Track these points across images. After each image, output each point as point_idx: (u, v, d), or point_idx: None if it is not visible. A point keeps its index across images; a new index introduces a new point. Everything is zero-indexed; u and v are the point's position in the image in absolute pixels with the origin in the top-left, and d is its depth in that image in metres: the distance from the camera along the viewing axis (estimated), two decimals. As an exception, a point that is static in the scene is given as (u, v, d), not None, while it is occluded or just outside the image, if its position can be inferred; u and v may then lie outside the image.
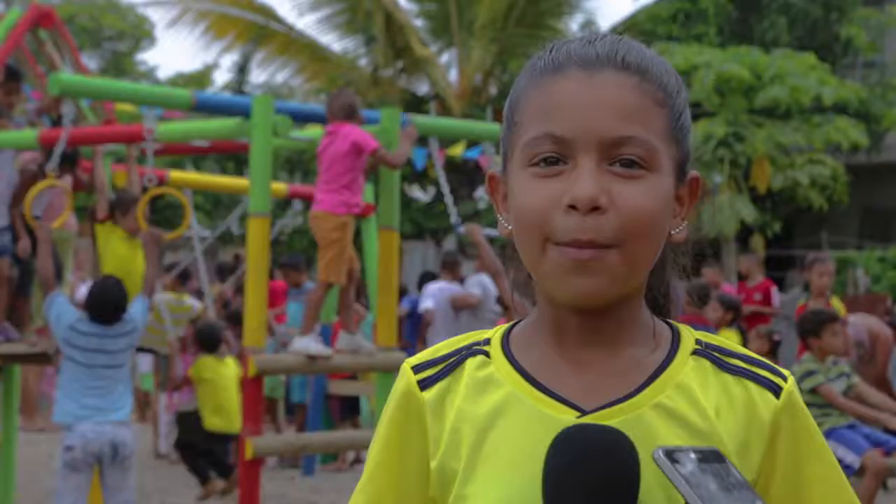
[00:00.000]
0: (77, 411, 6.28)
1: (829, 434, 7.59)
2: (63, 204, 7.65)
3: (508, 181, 1.36)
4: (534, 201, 1.29)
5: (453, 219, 8.26)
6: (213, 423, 8.62)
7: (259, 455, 6.65)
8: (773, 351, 8.67)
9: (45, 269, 6.66)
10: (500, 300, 9.24)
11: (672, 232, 1.34)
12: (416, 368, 1.39)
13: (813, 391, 7.49)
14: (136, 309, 6.53)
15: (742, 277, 14.65)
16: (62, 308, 6.43)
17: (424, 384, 1.37)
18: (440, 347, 1.41)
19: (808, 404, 5.14)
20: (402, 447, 1.37)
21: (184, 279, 11.09)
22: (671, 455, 1.18)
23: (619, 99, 1.29)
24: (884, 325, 9.65)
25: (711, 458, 1.20)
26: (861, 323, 9.60)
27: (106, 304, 6.37)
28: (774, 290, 13.98)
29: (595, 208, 1.26)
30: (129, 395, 6.60)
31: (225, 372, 8.68)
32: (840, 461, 7.54)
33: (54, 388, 9.31)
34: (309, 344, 6.88)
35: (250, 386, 6.66)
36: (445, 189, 8.17)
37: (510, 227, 1.35)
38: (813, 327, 7.57)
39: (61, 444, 6.34)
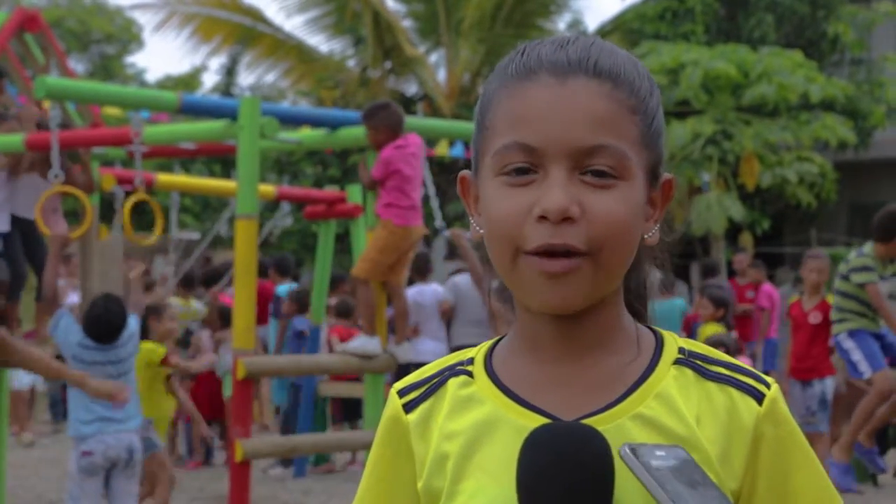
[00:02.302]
0: (95, 423, 6.28)
1: (853, 334, 7.61)
2: (57, 206, 7.65)
3: (480, 186, 1.34)
4: (505, 211, 1.28)
5: (438, 222, 8.32)
6: None
7: (249, 457, 6.65)
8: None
9: (52, 284, 6.65)
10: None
11: (645, 236, 1.34)
12: (402, 392, 1.40)
13: (861, 286, 7.51)
14: (132, 323, 6.51)
15: (732, 274, 14.68)
16: (69, 327, 6.40)
17: (409, 407, 1.39)
18: (426, 369, 1.42)
19: (851, 296, 5.18)
20: (391, 471, 1.39)
21: (187, 284, 11.14)
22: (637, 451, 1.19)
23: (591, 107, 1.27)
24: None
25: (676, 455, 1.21)
26: None
27: (110, 325, 6.30)
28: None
29: (566, 219, 1.25)
30: (139, 402, 6.61)
31: None
32: (854, 364, 7.60)
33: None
34: (366, 344, 6.99)
35: (240, 388, 6.65)
36: (431, 191, 8.21)
37: (482, 231, 1.34)
38: None
39: (75, 450, 6.34)
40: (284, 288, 11.16)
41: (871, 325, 7.59)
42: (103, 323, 6.28)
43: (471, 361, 1.39)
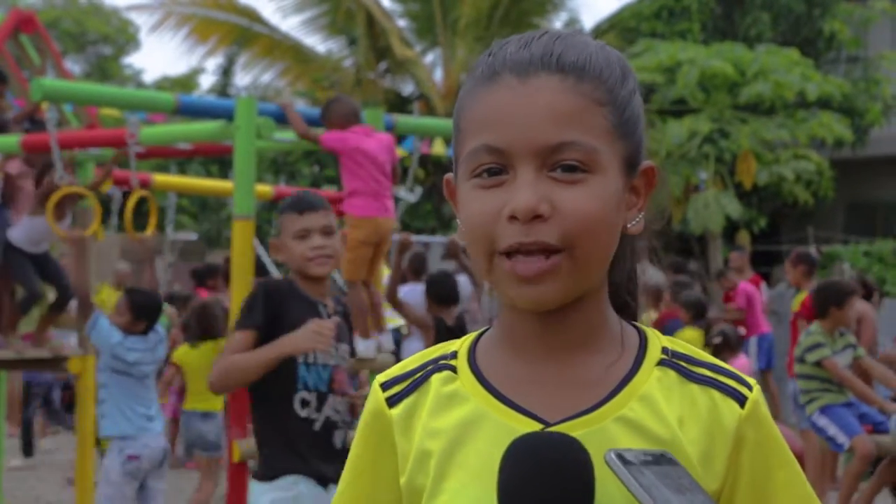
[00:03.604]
0: (136, 422, 6.39)
1: (824, 410, 7.62)
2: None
3: (458, 188, 1.35)
4: (477, 213, 1.29)
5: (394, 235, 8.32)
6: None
7: (246, 457, 6.65)
8: (715, 353, 8.67)
9: (83, 286, 6.67)
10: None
11: (628, 225, 1.33)
12: (385, 385, 1.40)
13: (818, 364, 7.51)
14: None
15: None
16: (107, 329, 6.44)
17: (392, 401, 1.38)
18: (409, 362, 1.41)
19: (811, 377, 5.21)
20: (373, 465, 1.39)
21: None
22: (623, 457, 1.19)
23: (554, 104, 1.27)
24: (868, 306, 9.67)
25: (663, 460, 1.21)
26: None
27: (157, 310, 6.55)
28: (763, 285, 14.00)
29: (536, 217, 1.25)
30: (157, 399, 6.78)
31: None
32: (831, 440, 7.59)
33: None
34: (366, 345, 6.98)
35: (237, 388, 6.66)
36: (412, 195, 8.19)
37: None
38: (838, 298, 7.60)
39: (117, 452, 6.38)
40: None
41: (840, 397, 7.62)
42: (153, 308, 6.50)
43: (454, 355, 1.38)
